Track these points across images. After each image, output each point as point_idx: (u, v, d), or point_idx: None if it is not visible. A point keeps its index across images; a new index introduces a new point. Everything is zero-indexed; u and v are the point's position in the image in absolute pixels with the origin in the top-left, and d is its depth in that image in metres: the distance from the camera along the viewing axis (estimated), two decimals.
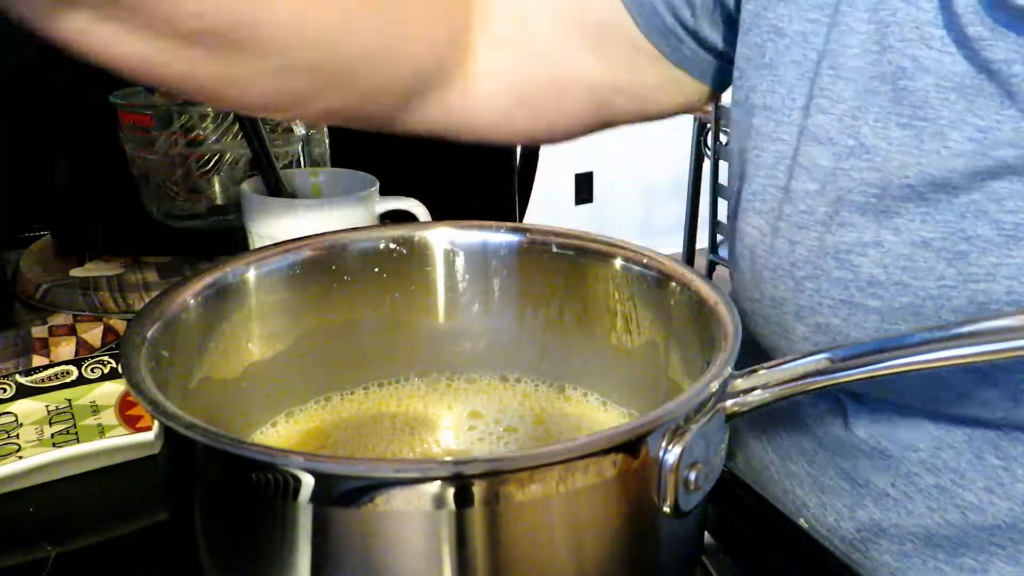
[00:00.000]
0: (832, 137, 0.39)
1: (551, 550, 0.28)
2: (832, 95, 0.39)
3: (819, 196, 0.40)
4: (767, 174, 0.43)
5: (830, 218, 0.39)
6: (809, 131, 0.40)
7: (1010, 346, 0.29)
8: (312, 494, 0.26)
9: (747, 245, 0.44)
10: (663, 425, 0.29)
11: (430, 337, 0.45)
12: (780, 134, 0.42)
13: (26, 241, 0.81)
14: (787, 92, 0.41)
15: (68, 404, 0.54)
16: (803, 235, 0.40)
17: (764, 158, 0.43)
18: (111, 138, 0.79)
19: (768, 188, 0.42)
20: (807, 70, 0.40)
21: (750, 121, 0.43)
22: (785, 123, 0.41)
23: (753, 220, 0.44)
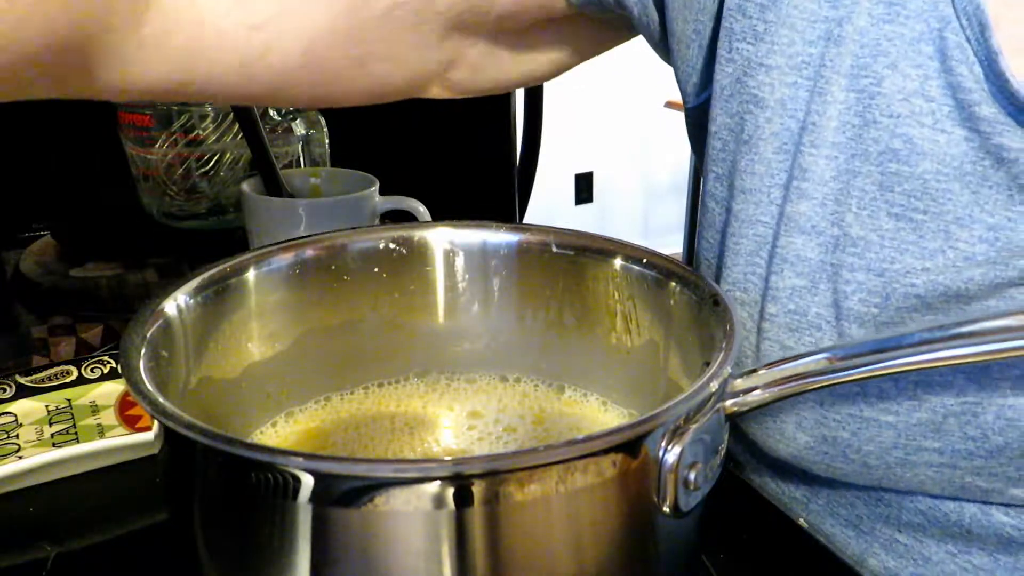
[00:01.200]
0: (816, 225, 0.35)
1: (551, 550, 0.28)
2: (814, 176, 0.34)
3: (809, 295, 0.35)
4: (746, 262, 0.38)
5: (827, 323, 0.35)
6: (789, 217, 0.35)
7: (1010, 346, 0.29)
8: (312, 494, 0.26)
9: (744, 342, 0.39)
10: (663, 425, 0.29)
11: (430, 337, 0.45)
12: (759, 216, 0.37)
13: (26, 241, 0.81)
14: (765, 170, 0.36)
15: (68, 404, 0.54)
16: (795, 340, 0.36)
17: (744, 245, 0.38)
18: (111, 138, 0.79)
19: (749, 278, 0.38)
20: (786, 142, 0.36)
21: (730, 203, 0.39)
22: (764, 203, 0.37)
23: (736, 312, 0.38)
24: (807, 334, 0.36)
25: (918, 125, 0.31)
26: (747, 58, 0.36)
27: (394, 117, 0.93)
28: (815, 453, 0.37)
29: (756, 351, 0.38)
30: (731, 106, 0.38)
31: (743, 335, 0.39)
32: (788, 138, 0.36)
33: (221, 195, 0.79)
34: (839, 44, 0.33)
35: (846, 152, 0.34)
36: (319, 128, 0.78)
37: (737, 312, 0.34)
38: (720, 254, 0.41)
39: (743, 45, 0.36)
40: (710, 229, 0.42)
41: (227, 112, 0.77)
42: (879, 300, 0.34)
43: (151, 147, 0.77)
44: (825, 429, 0.36)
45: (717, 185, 0.40)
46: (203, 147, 0.77)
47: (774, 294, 0.37)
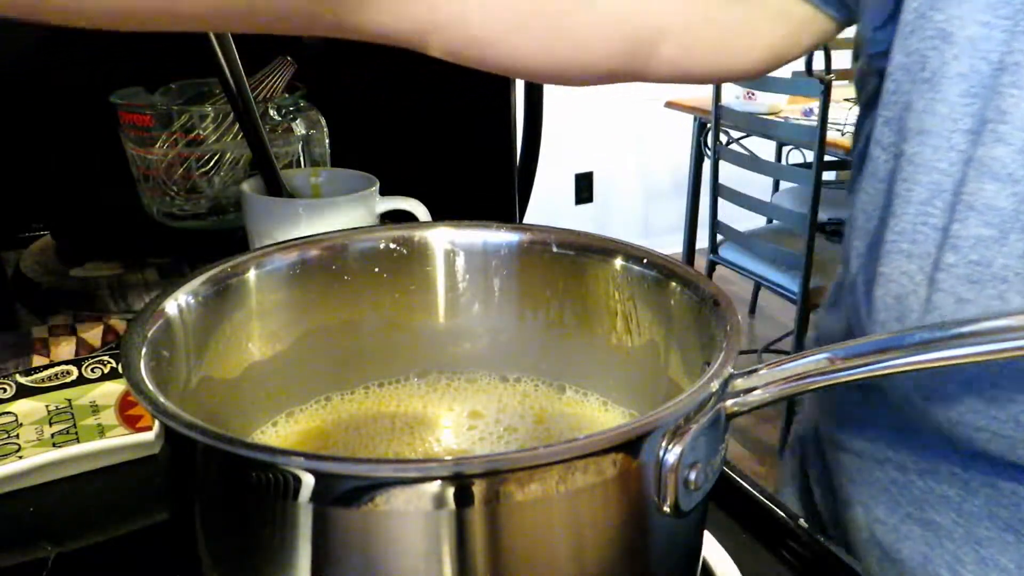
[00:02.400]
0: (1012, 173, 0.33)
1: (551, 550, 0.28)
2: (1015, 119, 0.33)
3: (996, 245, 0.34)
4: (917, 211, 0.37)
5: (1015, 275, 0.33)
6: (980, 162, 0.34)
7: (1011, 346, 0.29)
8: (312, 494, 0.26)
9: (892, 294, 0.38)
10: (663, 425, 0.29)
11: (430, 337, 0.45)
12: (937, 162, 0.36)
13: (26, 241, 0.81)
14: (949, 112, 0.35)
15: (68, 404, 0.54)
16: (976, 292, 0.34)
17: (916, 192, 0.37)
18: (111, 138, 0.79)
19: (920, 228, 0.36)
20: (975, 84, 0.34)
21: (901, 147, 0.37)
22: (944, 148, 0.35)
23: (902, 265, 0.38)
24: (990, 286, 0.34)
25: None
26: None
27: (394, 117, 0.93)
28: (986, 420, 0.35)
29: (925, 304, 0.36)
30: (911, 43, 0.36)
31: (909, 288, 0.37)
32: (978, 80, 0.34)
33: (221, 195, 0.79)
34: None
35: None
36: (319, 128, 0.78)
37: (736, 312, 0.34)
38: (886, 204, 0.39)
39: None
40: (872, 179, 0.40)
41: (227, 112, 0.77)
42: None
43: (151, 147, 0.76)
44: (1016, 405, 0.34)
45: (885, 130, 0.39)
46: (203, 147, 0.77)
47: (954, 243, 0.35)
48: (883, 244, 0.39)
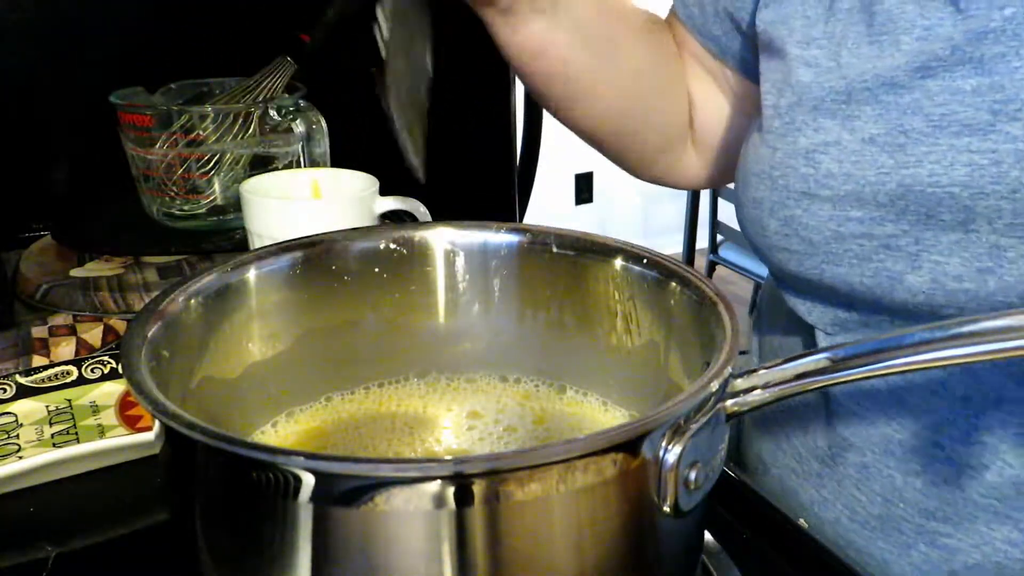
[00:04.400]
0: (819, 62, 0.47)
1: (551, 549, 0.28)
2: (828, 34, 0.47)
3: (797, 107, 0.47)
4: (762, 97, 0.50)
5: (805, 124, 0.46)
6: (800, 58, 0.47)
7: (1010, 346, 0.29)
8: (313, 493, 0.26)
9: (744, 157, 0.51)
10: (663, 425, 0.29)
11: (430, 337, 0.45)
12: (777, 66, 0.49)
13: (26, 241, 0.81)
14: (789, 34, 0.49)
15: (68, 404, 0.54)
16: (782, 142, 0.47)
17: (764, 86, 0.50)
18: (111, 138, 0.79)
19: (764, 110, 0.49)
20: (812, 20, 0.48)
21: (764, 66, 0.51)
22: (785, 58, 0.49)
23: (752, 138, 0.51)
24: (790, 136, 0.47)
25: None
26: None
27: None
28: (780, 237, 0.47)
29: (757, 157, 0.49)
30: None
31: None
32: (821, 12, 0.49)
33: (221, 195, 0.79)
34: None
35: (854, 11, 0.46)
36: (319, 128, 0.78)
37: (736, 313, 0.34)
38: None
39: None
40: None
41: (227, 112, 0.77)
42: (844, 97, 0.44)
43: (151, 147, 0.77)
44: (785, 210, 0.47)
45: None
46: (203, 147, 0.77)
47: (778, 111, 0.48)
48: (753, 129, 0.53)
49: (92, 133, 0.82)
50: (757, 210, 0.48)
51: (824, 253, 0.45)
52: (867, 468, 0.49)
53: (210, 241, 0.78)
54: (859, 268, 0.45)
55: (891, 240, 0.43)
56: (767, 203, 0.47)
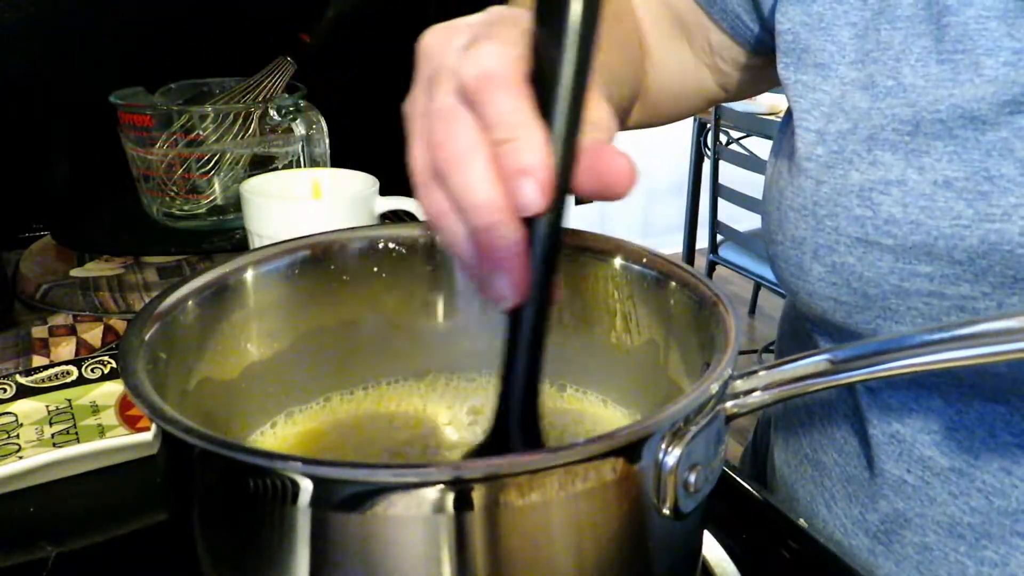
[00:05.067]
0: (876, 81, 0.40)
1: (551, 554, 0.28)
2: (884, 44, 0.41)
3: (851, 135, 0.40)
4: (800, 119, 0.44)
5: (859, 156, 0.40)
6: (855, 81, 0.41)
7: (1011, 348, 0.29)
8: (311, 499, 0.26)
9: (777, 186, 0.45)
10: (662, 428, 0.29)
11: (430, 337, 0.45)
12: (822, 84, 0.43)
13: (26, 241, 0.81)
14: (837, 49, 0.43)
15: (68, 404, 0.54)
16: (829, 174, 0.41)
17: (802, 103, 0.44)
18: (111, 138, 0.79)
19: (800, 134, 0.43)
20: (861, 29, 0.42)
21: (798, 77, 0.45)
22: (831, 77, 0.43)
23: (783, 163, 0.45)
24: (839, 169, 0.41)
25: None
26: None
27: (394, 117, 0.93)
28: (826, 285, 0.41)
29: (796, 189, 0.44)
30: (813, 8, 0.45)
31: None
32: (863, 26, 0.42)
33: (221, 195, 0.79)
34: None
35: (914, 21, 0.40)
36: (319, 128, 0.78)
37: (736, 313, 0.34)
38: (787, 116, 0.49)
39: None
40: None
41: (227, 112, 0.77)
42: (910, 128, 0.39)
43: (151, 147, 0.77)
44: (835, 256, 0.41)
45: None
46: (203, 147, 0.77)
47: (823, 138, 0.44)
48: (780, 150, 0.48)
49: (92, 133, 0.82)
50: (797, 251, 0.42)
51: (881, 309, 0.40)
52: (930, 549, 0.42)
53: (210, 241, 0.78)
54: (927, 318, 0.39)
55: (967, 303, 0.37)
56: (810, 245, 0.41)
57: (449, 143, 0.27)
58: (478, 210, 0.27)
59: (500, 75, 0.27)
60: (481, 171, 0.26)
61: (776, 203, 0.45)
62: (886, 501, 0.44)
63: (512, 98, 0.26)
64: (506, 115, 0.26)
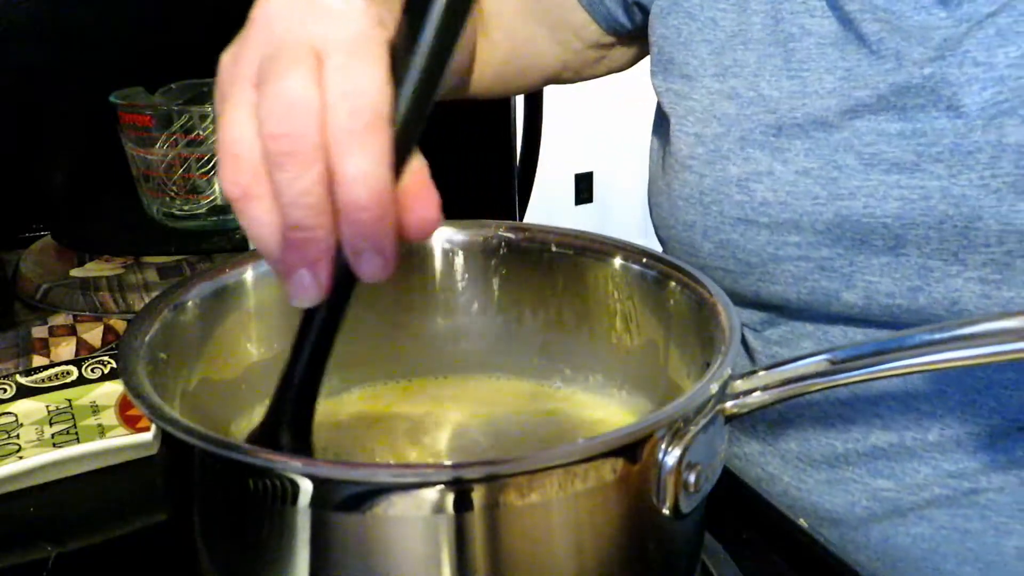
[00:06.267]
0: (739, 93, 0.49)
1: (551, 553, 0.28)
2: (741, 62, 0.50)
3: (725, 137, 0.49)
4: (677, 123, 0.52)
5: (734, 154, 0.48)
6: (720, 91, 0.50)
7: (1009, 348, 0.29)
8: (311, 499, 0.26)
9: (665, 180, 0.53)
10: (663, 427, 0.29)
11: (429, 337, 0.45)
12: (692, 94, 0.51)
13: (26, 241, 0.81)
14: (699, 64, 0.51)
15: (68, 404, 0.54)
16: (710, 169, 0.49)
17: (677, 110, 0.52)
18: (111, 138, 0.79)
19: (680, 136, 0.51)
20: (717, 47, 0.51)
21: (668, 86, 0.53)
22: (698, 88, 0.51)
23: (668, 160, 0.53)
24: (718, 164, 0.49)
25: (809, 17, 0.48)
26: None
27: None
28: (715, 258, 0.49)
29: (683, 182, 0.51)
30: (668, 20, 0.53)
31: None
32: (719, 44, 0.51)
33: (221, 195, 0.79)
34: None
35: (764, 43, 0.49)
36: None
37: (736, 313, 0.34)
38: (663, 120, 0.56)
39: None
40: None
41: None
42: (774, 131, 0.47)
43: (151, 147, 0.77)
44: (721, 234, 0.49)
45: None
46: (203, 147, 0.77)
47: (701, 139, 0.51)
48: (665, 152, 0.54)
49: (92, 133, 0.82)
50: (689, 232, 0.50)
51: (761, 273, 0.48)
52: (808, 441, 0.50)
53: (210, 241, 0.78)
54: (795, 287, 0.47)
55: (826, 262, 0.46)
56: (700, 227, 0.50)
57: (290, 139, 0.26)
58: (305, 208, 0.27)
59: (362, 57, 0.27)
60: (317, 174, 0.26)
61: (665, 194, 0.53)
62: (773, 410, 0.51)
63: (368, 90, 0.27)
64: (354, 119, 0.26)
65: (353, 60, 0.27)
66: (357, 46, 0.27)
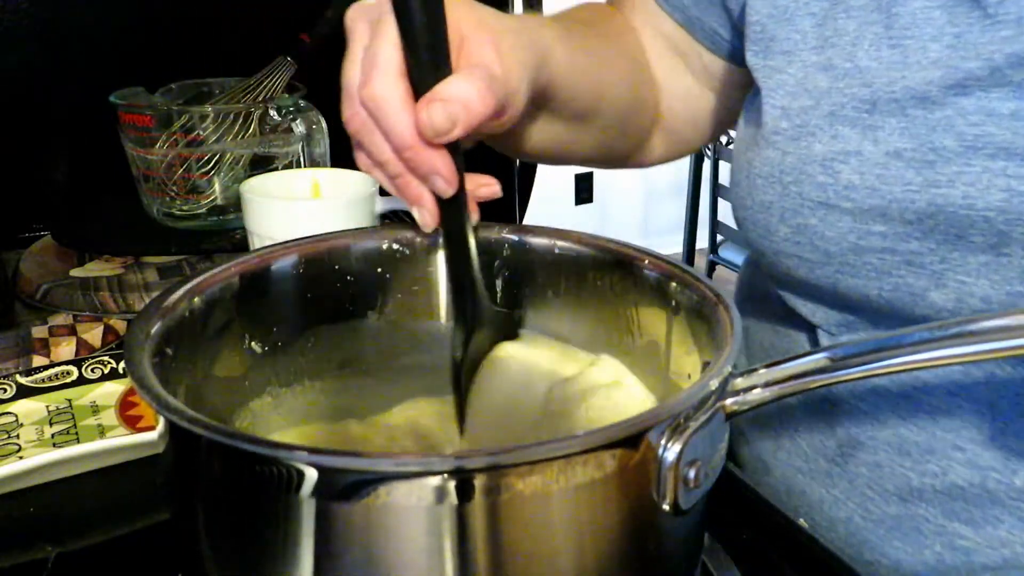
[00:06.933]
0: (834, 64, 0.45)
1: (551, 545, 0.28)
2: (841, 31, 0.45)
3: (813, 111, 0.45)
4: (767, 96, 0.48)
5: (821, 130, 0.44)
6: (816, 64, 0.46)
7: (1007, 345, 0.29)
8: (315, 488, 0.26)
9: (746, 157, 0.49)
10: (663, 422, 0.29)
11: (431, 337, 0.45)
12: (787, 68, 0.47)
13: (26, 241, 0.81)
14: (800, 38, 0.47)
15: (68, 404, 0.54)
16: (794, 146, 0.45)
17: (768, 83, 0.48)
18: (111, 138, 0.79)
19: (767, 109, 0.48)
20: (819, 18, 0.46)
21: (765, 63, 0.49)
22: (795, 61, 0.47)
23: (750, 134, 0.49)
24: (803, 141, 0.45)
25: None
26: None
27: None
28: (791, 244, 0.46)
29: (764, 159, 0.47)
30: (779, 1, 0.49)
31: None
32: (821, 15, 0.46)
33: (221, 195, 0.80)
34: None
35: (866, 10, 0.44)
36: (319, 128, 0.78)
37: (737, 312, 0.34)
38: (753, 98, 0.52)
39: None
40: None
41: (227, 112, 0.77)
42: (868, 107, 0.43)
43: (151, 147, 0.77)
44: (799, 217, 0.45)
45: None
46: (203, 147, 0.77)
47: (787, 113, 0.47)
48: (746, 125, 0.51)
49: (92, 133, 0.82)
50: (765, 214, 0.47)
51: (840, 264, 0.44)
52: (880, 467, 0.47)
53: (210, 241, 0.78)
54: (878, 282, 0.43)
55: (915, 257, 0.42)
56: (777, 208, 0.46)
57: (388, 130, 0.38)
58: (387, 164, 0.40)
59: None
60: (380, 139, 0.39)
61: (745, 171, 0.49)
62: (842, 428, 0.49)
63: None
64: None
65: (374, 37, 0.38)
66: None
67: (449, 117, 0.37)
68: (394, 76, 0.37)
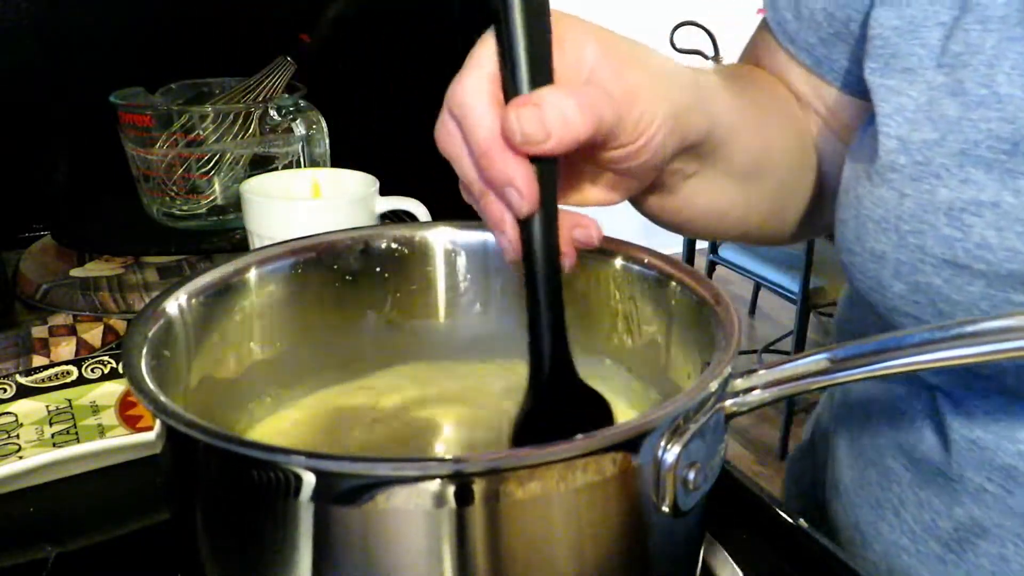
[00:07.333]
0: (966, 89, 0.37)
1: (551, 548, 0.28)
2: (975, 48, 0.37)
3: (937, 147, 0.37)
4: (883, 121, 0.41)
5: (948, 172, 0.37)
6: (943, 86, 0.38)
7: (1011, 346, 0.29)
8: (313, 492, 0.26)
9: (855, 192, 0.42)
10: (662, 424, 0.29)
11: (431, 337, 0.45)
12: (907, 90, 0.40)
13: (26, 241, 0.81)
14: (926, 53, 0.39)
15: (68, 404, 0.54)
16: (914, 187, 0.38)
17: (884, 108, 0.41)
18: (111, 138, 0.79)
19: (882, 139, 0.41)
20: (948, 29, 0.39)
21: (883, 81, 0.42)
22: (918, 82, 0.40)
23: (861, 168, 0.42)
24: (925, 183, 0.38)
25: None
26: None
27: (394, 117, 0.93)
28: (907, 303, 0.39)
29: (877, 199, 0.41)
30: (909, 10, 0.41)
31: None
32: (951, 25, 0.39)
33: (221, 195, 0.80)
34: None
35: (1008, 23, 0.37)
36: (319, 128, 0.78)
37: (736, 312, 0.34)
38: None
39: None
40: None
41: (227, 112, 0.77)
42: (1008, 147, 0.36)
43: (151, 147, 0.77)
44: (919, 275, 0.38)
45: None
46: (203, 147, 0.77)
47: (906, 147, 0.40)
48: (855, 154, 0.44)
49: (92, 133, 0.82)
50: (876, 265, 0.40)
51: None
52: (1007, 562, 0.41)
53: (210, 241, 0.78)
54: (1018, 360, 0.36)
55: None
56: (891, 261, 0.39)
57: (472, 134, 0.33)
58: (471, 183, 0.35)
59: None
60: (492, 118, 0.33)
61: (854, 210, 0.41)
62: (962, 509, 0.42)
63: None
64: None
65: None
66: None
67: (542, 124, 0.31)
68: (482, 77, 0.33)
